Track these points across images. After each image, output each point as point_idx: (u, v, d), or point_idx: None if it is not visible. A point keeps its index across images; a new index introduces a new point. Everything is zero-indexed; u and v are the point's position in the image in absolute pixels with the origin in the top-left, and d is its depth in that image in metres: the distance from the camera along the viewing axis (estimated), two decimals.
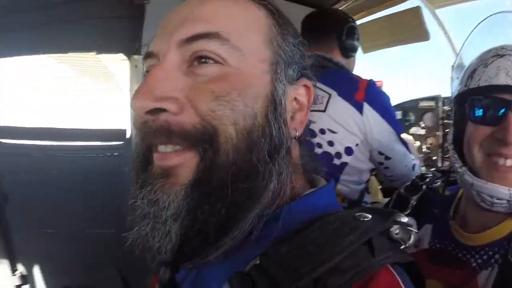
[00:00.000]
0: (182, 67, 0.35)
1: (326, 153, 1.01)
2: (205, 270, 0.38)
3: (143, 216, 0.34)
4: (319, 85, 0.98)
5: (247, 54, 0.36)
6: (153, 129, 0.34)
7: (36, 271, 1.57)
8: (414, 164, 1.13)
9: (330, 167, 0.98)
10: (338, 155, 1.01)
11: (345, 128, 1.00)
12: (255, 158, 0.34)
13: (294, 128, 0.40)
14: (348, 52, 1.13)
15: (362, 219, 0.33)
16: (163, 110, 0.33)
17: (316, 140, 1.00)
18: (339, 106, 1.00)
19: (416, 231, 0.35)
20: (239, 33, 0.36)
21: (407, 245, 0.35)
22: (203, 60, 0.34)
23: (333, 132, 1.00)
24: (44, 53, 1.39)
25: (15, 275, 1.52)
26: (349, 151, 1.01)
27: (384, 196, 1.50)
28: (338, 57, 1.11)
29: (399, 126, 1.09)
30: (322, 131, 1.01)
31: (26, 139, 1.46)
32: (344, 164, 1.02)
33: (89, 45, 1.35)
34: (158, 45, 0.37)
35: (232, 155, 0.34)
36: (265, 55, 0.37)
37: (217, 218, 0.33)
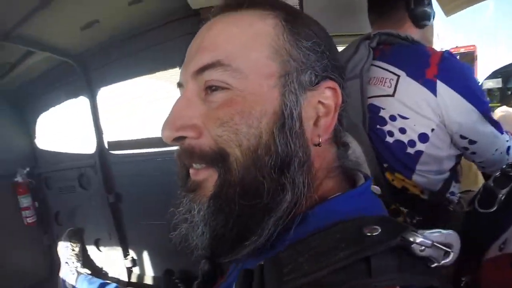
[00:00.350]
0: (201, 95, 0.38)
1: (398, 142, 0.90)
2: (246, 263, 0.40)
3: (183, 220, 0.40)
4: (386, 66, 0.92)
5: (250, 74, 0.37)
6: (182, 150, 0.39)
7: (144, 256, 1.87)
8: (510, 147, 0.94)
9: (403, 157, 0.90)
10: (412, 143, 0.89)
11: (417, 112, 0.88)
12: (260, 175, 0.36)
13: (317, 135, 0.39)
14: (421, 21, 0.98)
15: (368, 233, 0.31)
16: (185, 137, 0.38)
17: (386, 128, 0.90)
18: (409, 88, 0.88)
19: (450, 250, 0.32)
20: (239, 56, 0.37)
21: (440, 263, 0.32)
22: (213, 87, 0.37)
23: (404, 118, 0.88)
24: (139, 75, 1.65)
25: (126, 258, 1.85)
26: (424, 137, 0.89)
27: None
28: (410, 30, 0.97)
29: (484, 103, 0.90)
30: (393, 118, 0.90)
31: (131, 149, 1.76)
32: (419, 152, 0.90)
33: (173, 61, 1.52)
34: (182, 76, 0.41)
35: (241, 173, 0.36)
36: (271, 69, 0.37)
37: (230, 228, 0.37)
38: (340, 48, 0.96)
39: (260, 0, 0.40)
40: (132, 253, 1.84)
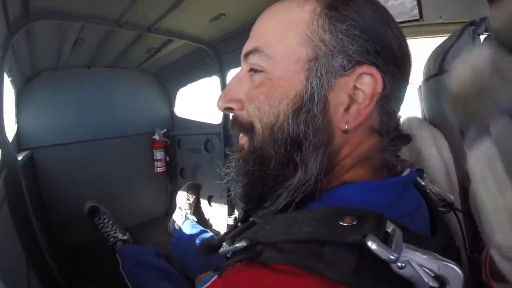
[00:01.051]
0: (249, 74, 0.43)
1: None
2: None
3: (226, 175, 0.46)
4: None
5: (280, 60, 0.40)
6: (232, 119, 0.46)
7: None
8: None
9: None
10: None
11: None
12: (272, 149, 0.40)
13: (345, 121, 0.39)
14: None
15: (340, 222, 0.30)
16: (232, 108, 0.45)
17: None
18: None
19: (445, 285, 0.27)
20: (273, 43, 0.40)
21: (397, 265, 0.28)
22: (254, 69, 0.42)
23: None
24: None
25: (230, 217, 2.01)
26: None
27: None
28: None
29: None
30: None
31: None
32: None
33: None
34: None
35: (260, 144, 0.41)
36: (300, 54, 0.39)
37: (252, 189, 0.42)
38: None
39: None
40: (236, 213, 2.01)
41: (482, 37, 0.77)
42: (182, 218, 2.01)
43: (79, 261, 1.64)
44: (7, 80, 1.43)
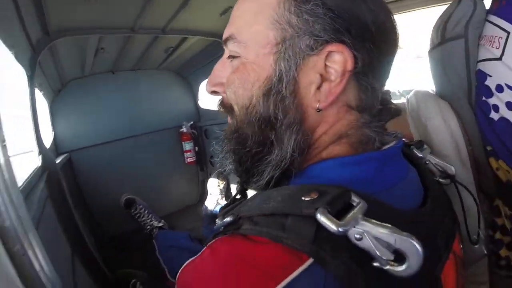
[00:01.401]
0: (230, 59, 0.46)
1: (503, 120, 0.67)
2: None
3: (219, 152, 0.49)
4: (498, 20, 0.66)
5: (250, 45, 0.41)
6: (218, 101, 0.50)
7: None
8: None
9: (509, 141, 0.67)
10: None
11: None
12: (248, 129, 0.43)
13: (317, 100, 0.40)
14: None
15: (302, 197, 0.33)
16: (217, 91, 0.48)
17: (492, 100, 0.68)
18: None
19: (404, 259, 0.29)
20: (245, 29, 0.42)
21: (385, 267, 0.30)
22: (232, 55, 0.44)
23: None
24: None
25: None
26: None
27: None
28: None
29: None
30: (499, 88, 0.67)
31: None
32: None
33: None
34: None
35: (238, 124, 0.45)
36: (268, 38, 0.40)
37: (239, 165, 0.46)
38: None
39: None
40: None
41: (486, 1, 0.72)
42: (214, 204, 2.11)
43: (120, 250, 1.81)
44: (39, 94, 1.60)
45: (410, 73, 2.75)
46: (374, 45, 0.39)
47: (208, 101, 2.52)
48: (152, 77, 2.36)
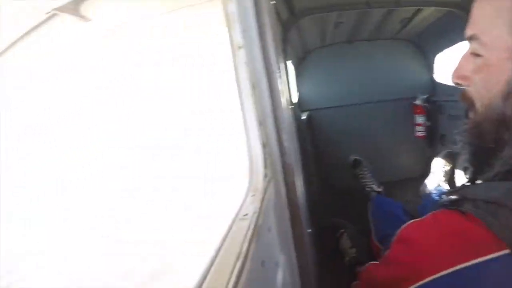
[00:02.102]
0: (473, 56, 0.46)
1: None
2: None
3: (459, 141, 0.52)
4: None
5: (492, 48, 0.43)
6: (460, 92, 0.51)
7: None
8: None
9: None
10: None
11: None
12: (486, 126, 0.45)
13: None
14: None
15: None
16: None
17: None
18: None
19: None
20: (486, 32, 0.43)
21: None
22: (475, 53, 0.45)
23: None
24: None
25: None
26: None
27: None
28: None
29: None
30: None
31: None
32: None
33: None
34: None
35: (478, 120, 0.47)
36: (507, 44, 0.41)
37: (472, 157, 0.50)
38: None
39: None
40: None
41: None
42: (435, 185, 1.99)
43: (339, 200, 2.13)
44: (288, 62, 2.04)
45: None
46: None
47: (445, 74, 2.26)
48: (387, 47, 2.40)
